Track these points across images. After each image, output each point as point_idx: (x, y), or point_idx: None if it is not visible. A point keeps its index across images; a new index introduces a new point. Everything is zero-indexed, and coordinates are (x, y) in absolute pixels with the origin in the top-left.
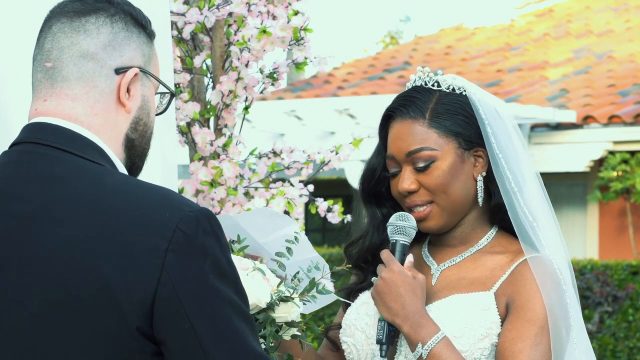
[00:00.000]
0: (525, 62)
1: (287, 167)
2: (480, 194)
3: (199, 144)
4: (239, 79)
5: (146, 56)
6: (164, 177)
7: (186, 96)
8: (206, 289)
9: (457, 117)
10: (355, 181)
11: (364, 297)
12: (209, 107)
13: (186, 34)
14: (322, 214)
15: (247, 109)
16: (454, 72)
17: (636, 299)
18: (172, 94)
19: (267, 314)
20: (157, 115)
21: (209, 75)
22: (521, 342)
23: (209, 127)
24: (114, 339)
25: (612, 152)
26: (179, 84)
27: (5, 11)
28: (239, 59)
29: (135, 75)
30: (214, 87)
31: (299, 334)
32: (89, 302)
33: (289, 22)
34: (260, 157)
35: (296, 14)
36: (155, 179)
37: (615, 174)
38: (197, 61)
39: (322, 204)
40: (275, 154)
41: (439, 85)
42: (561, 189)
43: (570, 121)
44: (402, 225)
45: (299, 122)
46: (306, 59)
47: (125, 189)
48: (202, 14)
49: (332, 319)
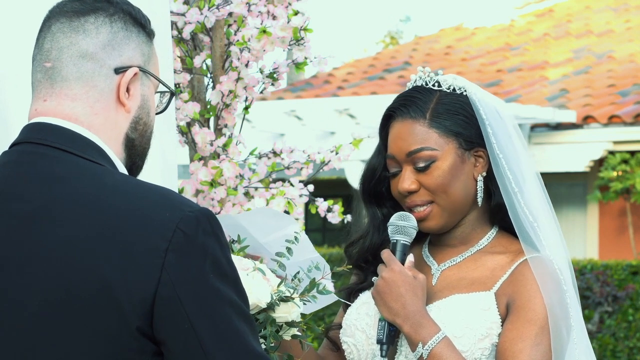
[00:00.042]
0: (525, 62)
1: (287, 167)
2: (480, 194)
3: (199, 144)
4: (239, 79)
5: (145, 55)
6: (164, 177)
7: (186, 96)
8: (206, 289)
9: (458, 117)
10: (355, 181)
11: (364, 297)
12: (209, 107)
13: (186, 34)
14: (322, 214)
15: (247, 109)
16: (454, 72)
17: (636, 299)
18: (172, 93)
19: (268, 314)
20: (157, 114)
21: (209, 75)
22: (521, 342)
23: (209, 127)
24: (114, 339)
25: (612, 152)
26: (179, 84)
27: (5, 11)
28: (239, 59)
29: (134, 74)
30: (214, 87)
31: (299, 334)
32: (89, 302)
33: (289, 22)
34: (260, 157)
35: (296, 14)
36: (155, 179)
37: (615, 174)
38: (197, 61)
39: (322, 204)
40: (275, 154)
41: (439, 85)
42: (561, 189)
43: (570, 121)
44: (402, 225)
45: (299, 122)
46: (306, 59)
47: (125, 188)
48: (202, 14)
49: (332, 319)
